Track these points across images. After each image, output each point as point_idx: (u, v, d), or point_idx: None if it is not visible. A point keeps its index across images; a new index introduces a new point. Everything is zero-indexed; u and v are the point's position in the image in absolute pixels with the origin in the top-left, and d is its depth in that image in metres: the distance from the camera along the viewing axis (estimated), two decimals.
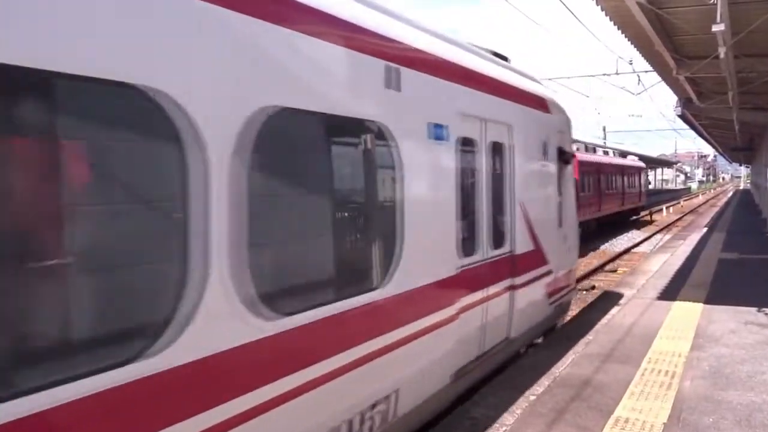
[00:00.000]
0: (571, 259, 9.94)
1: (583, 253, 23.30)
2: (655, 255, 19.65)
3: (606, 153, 35.17)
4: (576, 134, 34.41)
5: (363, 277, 4.74)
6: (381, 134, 4.84)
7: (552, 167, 8.78)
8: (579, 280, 17.24)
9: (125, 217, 3.15)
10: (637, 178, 38.76)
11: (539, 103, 8.54)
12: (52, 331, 2.84)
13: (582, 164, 25.00)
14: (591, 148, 32.43)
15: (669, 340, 8.50)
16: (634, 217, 38.88)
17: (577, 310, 13.17)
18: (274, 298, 3.76)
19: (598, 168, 29.44)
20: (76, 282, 2.91)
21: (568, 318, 11.83)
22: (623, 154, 39.43)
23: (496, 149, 7.04)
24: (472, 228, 6.50)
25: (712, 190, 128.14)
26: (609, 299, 12.14)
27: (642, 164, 42.40)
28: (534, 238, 7.93)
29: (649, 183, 65.33)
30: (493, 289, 6.75)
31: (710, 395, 6.36)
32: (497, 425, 5.92)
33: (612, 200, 31.81)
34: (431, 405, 5.72)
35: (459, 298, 5.97)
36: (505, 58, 8.37)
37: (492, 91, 6.95)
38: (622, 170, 34.63)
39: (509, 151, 7.32)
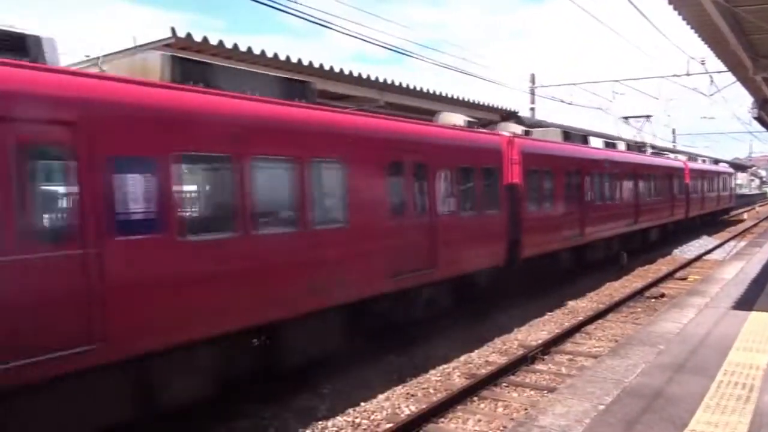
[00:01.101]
0: None
1: (651, 260, 22.64)
2: (729, 262, 18.85)
3: (704, 161, 40.73)
4: (646, 137, 34.00)
5: None
6: None
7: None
8: (648, 287, 16.77)
9: None
10: (728, 182, 43.84)
11: None
12: None
13: (692, 171, 31.79)
14: (693, 158, 39.09)
15: (745, 351, 8.17)
16: (725, 216, 44.07)
17: (646, 318, 12.82)
18: None
19: (702, 174, 34.89)
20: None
21: (637, 325, 11.56)
22: (716, 161, 45.31)
23: None
24: None
25: None
26: (680, 308, 11.75)
27: (731, 170, 47.64)
28: None
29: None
30: None
31: None
32: None
33: (712, 201, 37.39)
34: None
35: None
36: None
37: None
38: (718, 175, 39.80)
39: None
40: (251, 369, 8.23)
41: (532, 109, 28.20)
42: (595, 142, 20.85)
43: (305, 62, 13.20)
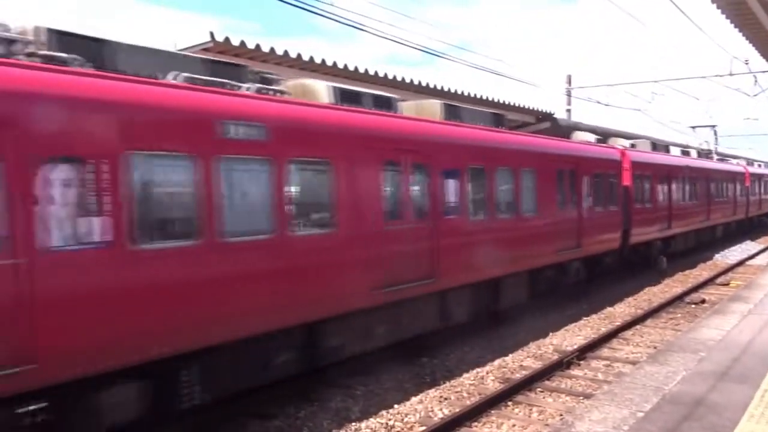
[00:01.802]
0: None
1: (692, 265, 22.10)
2: None
3: (759, 165, 43.86)
4: (687, 139, 33.59)
5: None
6: None
7: None
8: (688, 292, 16.39)
9: None
10: None
11: None
12: None
13: (752, 175, 34.79)
14: (750, 163, 41.59)
15: None
16: None
17: (687, 325, 12.52)
18: None
19: (760, 178, 38.43)
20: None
21: (677, 332, 11.29)
22: None
23: None
24: None
25: None
26: (722, 314, 11.43)
27: None
28: None
29: None
30: None
31: None
32: None
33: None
34: None
35: None
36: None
37: None
38: None
39: None
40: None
41: (569, 110, 27.81)
42: (674, 151, 24.60)
43: (340, 65, 13.27)
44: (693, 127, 38.19)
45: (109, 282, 5.95)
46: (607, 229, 16.32)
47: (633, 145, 20.77)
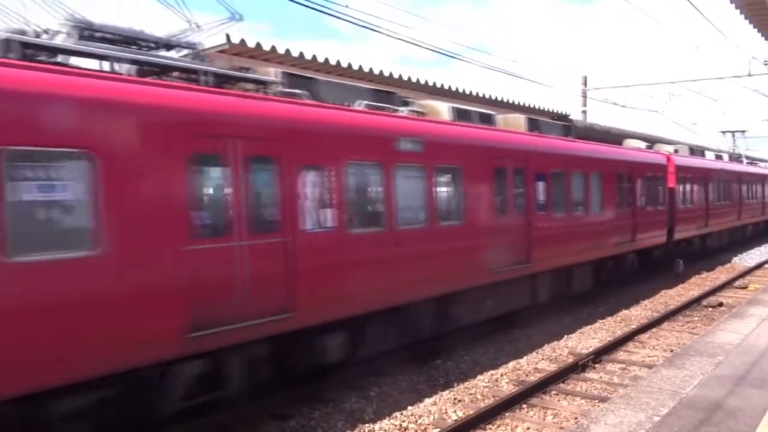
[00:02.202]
0: None
1: (709, 267, 21.86)
2: None
3: None
4: (700, 140, 33.32)
5: None
6: None
7: None
8: (705, 295, 16.22)
9: None
10: None
11: None
12: None
13: None
14: None
15: None
16: None
17: (704, 328, 12.39)
18: None
19: None
20: None
21: (693, 335, 11.18)
22: None
23: None
24: None
25: None
26: (740, 318, 11.30)
27: None
28: None
29: None
30: None
31: None
32: None
33: None
34: None
35: None
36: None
37: None
38: None
39: None
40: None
41: (584, 111, 27.65)
42: (708, 155, 26.68)
43: (355, 66, 13.31)
44: (723, 132, 40.34)
45: (336, 255, 8.18)
46: (656, 226, 18.59)
47: (676, 151, 22.96)
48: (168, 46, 7.35)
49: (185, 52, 7.67)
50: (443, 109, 11.24)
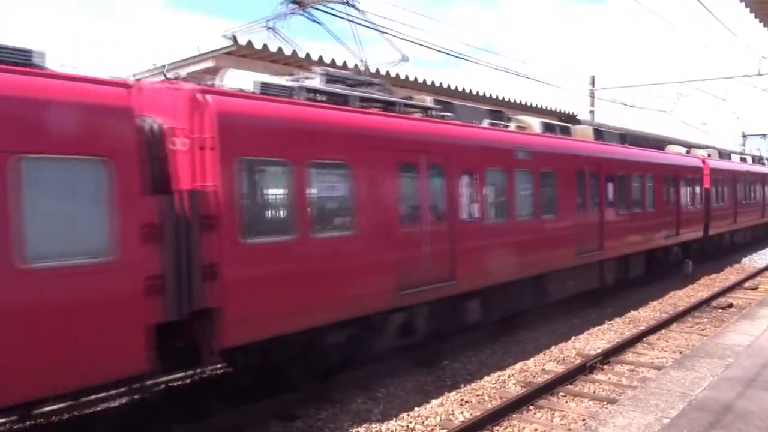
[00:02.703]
0: None
1: (719, 268, 21.71)
2: None
3: None
4: (710, 140, 33.16)
5: None
6: None
7: None
8: (714, 296, 16.11)
9: None
10: None
11: None
12: None
13: None
14: None
15: None
16: None
17: (713, 329, 12.30)
18: None
19: None
20: None
21: (703, 337, 11.10)
22: None
23: None
24: None
25: None
26: (750, 319, 11.22)
27: None
28: None
29: None
30: None
31: None
32: None
33: None
34: None
35: None
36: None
37: None
38: None
39: None
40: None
41: (592, 112, 27.54)
42: (734, 158, 28.94)
43: (361, 68, 13.29)
44: (744, 135, 41.86)
45: (478, 239, 10.66)
46: (696, 223, 21.11)
47: (709, 155, 24.97)
48: (370, 84, 10.10)
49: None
50: (535, 123, 13.95)
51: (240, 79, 7.86)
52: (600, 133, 16.39)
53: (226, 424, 7.48)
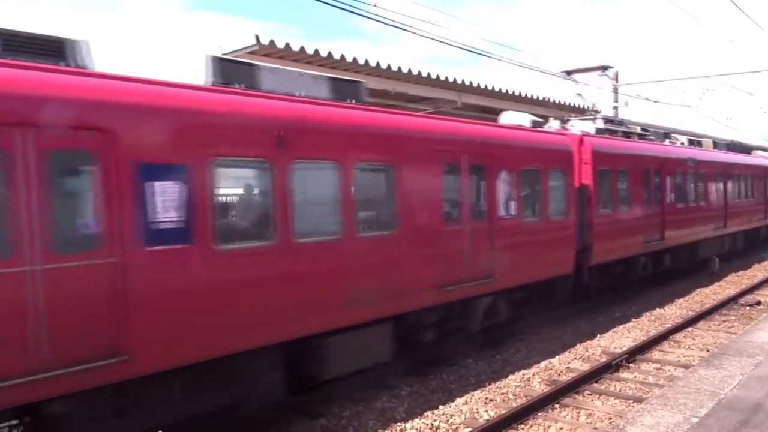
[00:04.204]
0: None
1: (746, 265, 21.34)
2: None
3: None
4: (735, 135, 32.73)
5: None
6: None
7: None
8: (742, 294, 15.84)
9: None
10: None
11: None
12: None
13: None
14: None
15: None
16: None
17: (742, 327, 12.10)
18: None
19: None
20: None
21: (731, 334, 10.92)
22: None
23: None
24: None
25: None
26: None
27: None
28: None
29: None
30: None
31: None
32: None
33: None
34: None
35: None
36: None
37: None
38: None
39: None
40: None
41: (615, 108, 27.19)
42: (761, 153, 31.53)
43: (383, 65, 13.30)
44: None
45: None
46: (759, 214, 24.86)
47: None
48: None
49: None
50: (684, 139, 19.83)
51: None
52: (727, 145, 23.35)
53: (251, 421, 7.53)
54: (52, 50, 5.96)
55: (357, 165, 7.97)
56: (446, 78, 14.92)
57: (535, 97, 18.31)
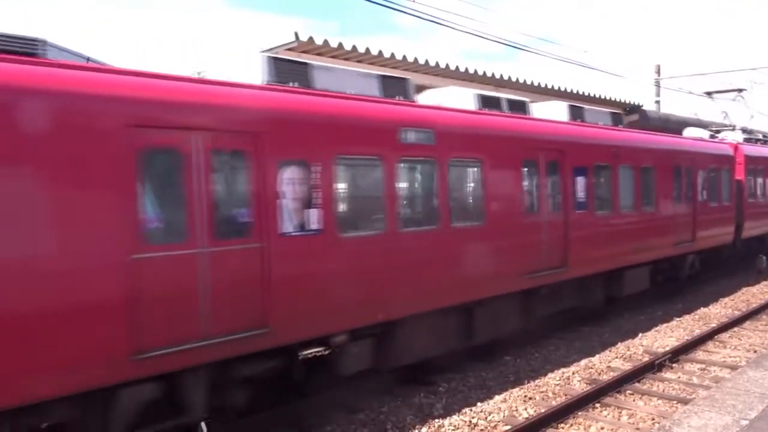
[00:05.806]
0: None
1: None
2: None
3: None
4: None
5: None
6: None
7: None
8: None
9: None
10: None
11: None
12: None
13: None
14: None
15: None
16: None
17: None
18: None
19: None
20: None
21: None
22: None
23: None
24: None
25: None
26: None
27: None
28: None
29: None
30: None
31: None
32: None
33: None
34: None
35: None
36: None
37: None
38: None
39: None
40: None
41: (658, 102, 26.60)
42: None
43: (421, 61, 13.25)
44: None
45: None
46: None
47: None
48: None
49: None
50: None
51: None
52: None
53: (288, 417, 7.60)
54: None
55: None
56: (484, 72, 14.78)
57: (577, 92, 17.99)
